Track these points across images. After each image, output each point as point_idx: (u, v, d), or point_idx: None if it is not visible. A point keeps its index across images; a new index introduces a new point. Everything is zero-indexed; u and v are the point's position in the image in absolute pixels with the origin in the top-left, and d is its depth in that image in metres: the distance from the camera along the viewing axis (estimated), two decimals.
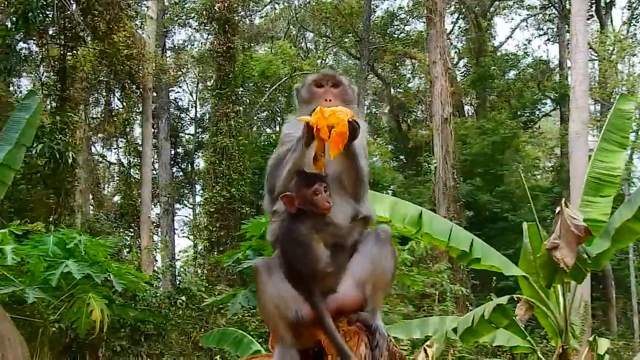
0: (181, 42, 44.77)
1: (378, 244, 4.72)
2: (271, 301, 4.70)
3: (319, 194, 4.61)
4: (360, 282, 4.66)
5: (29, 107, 13.40)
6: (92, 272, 8.59)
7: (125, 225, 32.90)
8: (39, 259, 8.46)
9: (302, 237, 4.62)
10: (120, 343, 19.71)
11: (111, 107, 34.50)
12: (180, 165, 44.11)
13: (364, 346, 4.63)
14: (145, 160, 31.93)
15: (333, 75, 5.03)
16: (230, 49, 31.94)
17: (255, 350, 13.11)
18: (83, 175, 30.29)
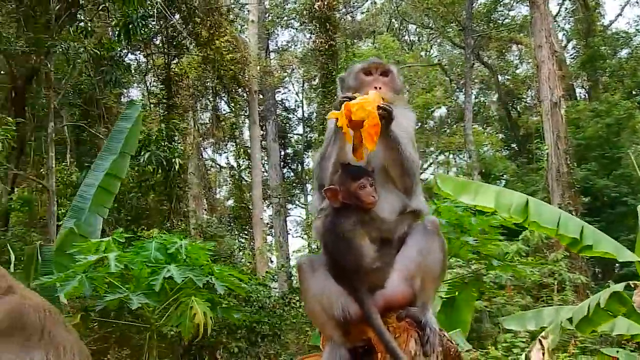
0: (285, 44, 45.05)
1: (425, 237, 4.55)
2: (315, 299, 4.59)
3: (364, 188, 4.48)
4: (408, 276, 4.50)
5: (131, 117, 13.73)
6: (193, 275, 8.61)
7: (238, 228, 33.33)
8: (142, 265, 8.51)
9: (346, 232, 4.48)
10: (237, 344, 19.98)
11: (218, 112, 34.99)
12: (291, 166, 44.39)
13: (414, 342, 4.46)
14: (254, 163, 32.25)
15: (382, 63, 4.96)
16: (332, 46, 31.95)
17: None
18: (195, 180, 30.83)
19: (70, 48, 18.04)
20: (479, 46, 41.07)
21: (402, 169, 4.56)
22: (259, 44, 35.02)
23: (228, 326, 20.15)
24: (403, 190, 4.62)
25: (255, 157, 32.24)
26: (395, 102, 4.71)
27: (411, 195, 4.65)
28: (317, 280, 4.60)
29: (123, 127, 13.61)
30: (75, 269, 8.54)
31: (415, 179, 4.65)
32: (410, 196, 4.64)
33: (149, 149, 19.62)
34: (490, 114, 46.19)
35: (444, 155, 44.03)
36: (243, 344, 20.15)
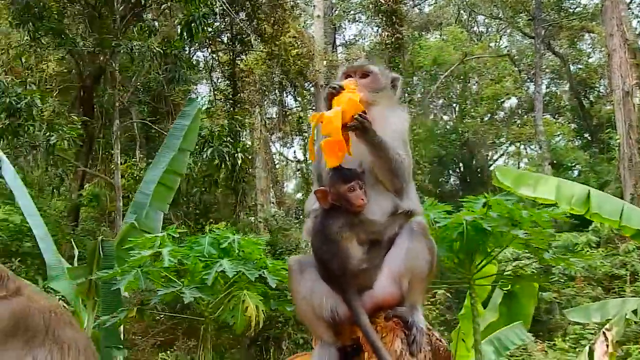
0: (352, 37, 45.02)
1: (412, 238, 4.57)
2: (305, 300, 4.65)
3: (354, 191, 4.53)
4: (396, 277, 4.55)
5: (189, 114, 13.96)
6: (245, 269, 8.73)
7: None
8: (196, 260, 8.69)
9: (333, 234, 4.53)
10: (302, 335, 20.15)
11: (285, 107, 35.17)
12: None
13: (400, 342, 4.50)
14: None
15: (361, 65, 4.98)
16: (399, 39, 31.80)
17: None
18: (262, 174, 31.07)
19: (135, 47, 18.37)
20: (550, 35, 40.37)
21: (389, 171, 4.59)
22: (325, 38, 35.05)
23: (294, 318, 20.34)
24: (393, 192, 4.65)
25: None
26: (377, 102, 4.79)
27: (402, 196, 4.67)
28: (305, 282, 4.66)
29: (182, 124, 13.84)
30: (131, 264, 8.73)
31: (404, 180, 4.66)
32: (402, 197, 4.67)
33: (211, 145, 19.88)
34: (561, 104, 45.35)
35: (515, 146, 43.47)
36: (309, 335, 20.27)
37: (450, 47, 37.48)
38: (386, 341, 4.49)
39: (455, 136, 39.34)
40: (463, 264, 7.76)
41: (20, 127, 16.67)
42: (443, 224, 7.39)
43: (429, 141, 36.34)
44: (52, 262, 12.59)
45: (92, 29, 19.86)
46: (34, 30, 18.52)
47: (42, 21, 18.16)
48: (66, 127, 17.74)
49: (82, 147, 22.73)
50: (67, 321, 4.76)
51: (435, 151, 37.04)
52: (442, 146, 38.29)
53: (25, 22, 18.00)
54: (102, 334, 12.17)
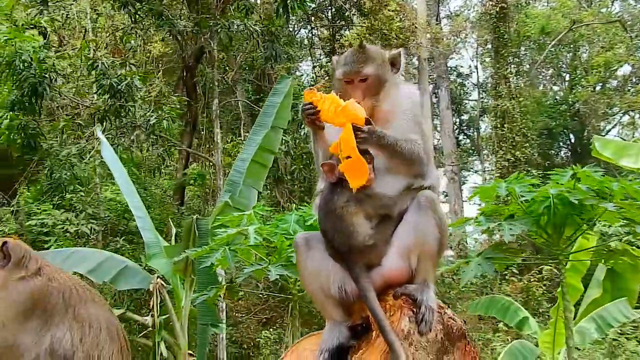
0: (457, 9, 44.25)
1: (419, 212, 4.38)
2: (312, 277, 4.54)
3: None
4: (404, 253, 4.39)
5: (281, 92, 13.97)
6: None
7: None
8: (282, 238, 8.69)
9: (338, 208, 4.38)
10: None
11: None
12: (466, 132, 43.75)
13: (407, 320, 4.34)
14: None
15: (357, 71, 4.64)
16: (504, 9, 31.13)
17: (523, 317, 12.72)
18: None
19: (232, 26, 18.49)
20: None
21: (405, 164, 4.44)
22: (428, 10, 34.58)
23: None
24: (413, 176, 4.49)
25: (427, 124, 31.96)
26: (382, 97, 4.61)
27: (421, 175, 4.51)
28: (313, 258, 4.55)
29: (274, 102, 13.86)
30: (217, 242, 8.79)
31: (423, 164, 4.49)
32: (421, 176, 4.51)
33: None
34: None
35: (629, 115, 41.91)
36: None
37: (558, 15, 36.32)
38: (393, 320, 4.37)
39: (565, 107, 38.22)
40: (552, 238, 7.47)
41: (121, 107, 17.02)
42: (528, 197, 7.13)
43: (537, 113, 35.46)
44: (150, 241, 12.84)
45: (191, 9, 20.09)
46: (134, 12, 18.84)
47: (142, 2, 18.45)
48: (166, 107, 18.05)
49: (186, 127, 23.12)
50: (90, 298, 4.79)
51: (544, 123, 36.06)
52: (551, 117, 37.23)
53: (125, 4, 18.32)
54: (198, 311, 12.40)
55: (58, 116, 20.66)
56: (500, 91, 30.84)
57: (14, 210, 20.96)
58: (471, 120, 43.34)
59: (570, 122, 38.46)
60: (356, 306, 4.56)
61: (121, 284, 12.90)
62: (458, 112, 41.74)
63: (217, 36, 19.04)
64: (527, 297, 20.93)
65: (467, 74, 43.42)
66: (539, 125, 34.97)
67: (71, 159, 17.95)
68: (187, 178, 23.27)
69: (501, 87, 30.91)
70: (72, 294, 4.68)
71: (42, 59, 16.56)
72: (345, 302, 4.52)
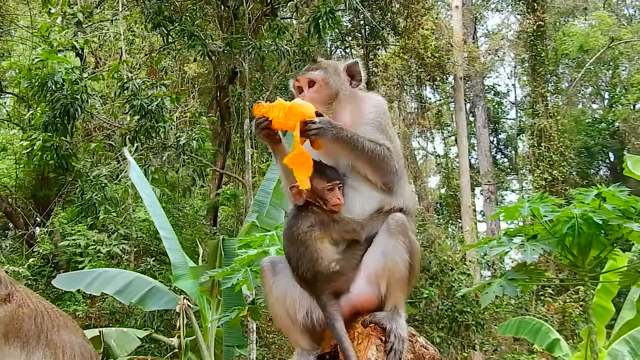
0: (494, 27, 43.99)
1: (388, 237, 4.22)
2: (278, 304, 4.42)
3: (332, 190, 4.29)
4: (373, 279, 4.23)
5: None
6: None
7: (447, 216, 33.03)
8: None
9: (302, 233, 4.25)
10: (439, 334, 19.82)
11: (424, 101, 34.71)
12: (504, 152, 43.37)
13: (375, 349, 4.18)
14: (461, 149, 31.74)
15: (303, 74, 4.62)
16: (541, 27, 30.90)
17: (554, 338, 12.45)
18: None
19: (264, 46, 18.50)
20: None
21: (371, 165, 4.30)
22: (464, 29, 34.40)
23: (430, 316, 20.04)
24: (382, 186, 4.34)
25: (463, 143, 31.71)
26: (334, 105, 4.50)
27: (392, 192, 4.36)
28: (278, 284, 4.43)
29: None
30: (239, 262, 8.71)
31: (392, 171, 4.35)
32: (392, 193, 4.36)
33: None
34: None
35: None
36: (445, 334, 19.97)
37: (597, 33, 35.91)
38: (360, 348, 4.23)
39: (604, 125, 37.80)
40: (577, 259, 7.27)
41: (152, 128, 17.08)
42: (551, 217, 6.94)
43: (575, 131, 35.09)
44: (177, 262, 12.80)
45: (223, 29, 20.16)
46: (166, 33, 18.94)
47: (174, 23, 18.55)
48: (196, 127, 18.08)
49: (219, 148, 23.19)
50: (62, 324, 4.70)
51: (583, 141, 35.68)
52: (590, 136, 36.83)
53: (158, 25, 18.42)
54: (224, 332, 12.32)
55: (93, 137, 20.84)
56: (537, 110, 30.54)
57: (49, 230, 21.14)
58: (509, 139, 42.97)
59: (609, 140, 38.01)
60: (325, 334, 4.42)
61: (148, 304, 12.90)
62: (495, 131, 41.39)
63: (248, 56, 19.05)
64: (563, 318, 20.59)
65: (505, 93, 43.11)
66: (578, 144, 34.61)
67: (102, 180, 18.02)
68: (220, 198, 23.31)
69: (538, 106, 30.62)
70: (43, 320, 4.61)
71: (74, 80, 16.68)
72: (313, 330, 4.38)
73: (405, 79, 31.10)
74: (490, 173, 35.06)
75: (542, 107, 30.49)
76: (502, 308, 21.11)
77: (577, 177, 31.62)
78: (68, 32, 19.24)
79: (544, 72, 31.62)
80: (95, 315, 18.63)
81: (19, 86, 19.86)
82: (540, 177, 28.95)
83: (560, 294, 21.95)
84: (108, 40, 23.66)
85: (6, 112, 25.92)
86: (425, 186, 35.83)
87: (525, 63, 35.53)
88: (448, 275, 20.45)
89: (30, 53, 21.69)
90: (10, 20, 24.40)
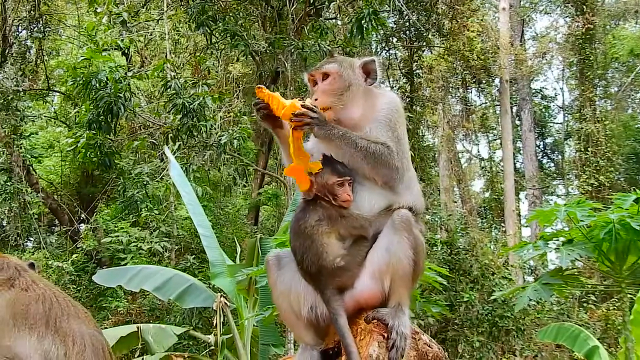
0: (543, 30, 43.50)
1: (392, 233, 4.19)
2: (282, 298, 4.41)
3: (342, 185, 4.28)
4: (377, 275, 4.20)
5: None
6: None
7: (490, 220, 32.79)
8: None
9: (309, 227, 4.22)
10: (479, 338, 19.65)
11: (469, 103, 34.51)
12: (550, 156, 42.87)
13: (377, 346, 4.14)
14: (506, 153, 31.48)
15: (319, 67, 4.64)
16: (590, 30, 30.48)
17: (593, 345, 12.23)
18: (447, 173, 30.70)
19: (306, 47, 18.50)
20: None
21: (368, 163, 4.28)
22: (511, 31, 34.09)
23: (470, 320, 19.88)
24: (383, 184, 4.33)
25: (508, 147, 31.46)
26: (345, 101, 4.49)
27: (396, 189, 4.34)
28: (283, 278, 4.42)
29: None
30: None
31: (393, 169, 4.31)
32: (395, 190, 4.33)
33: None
34: None
35: None
36: (485, 338, 19.80)
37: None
38: (362, 344, 4.20)
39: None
40: (614, 265, 7.15)
41: (193, 126, 17.18)
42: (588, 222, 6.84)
43: (624, 136, 34.54)
44: (215, 260, 12.84)
45: (266, 29, 20.21)
46: (209, 32, 19.03)
47: (216, 23, 18.62)
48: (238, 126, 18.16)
49: (262, 147, 23.26)
50: (73, 313, 4.69)
51: (632, 147, 35.11)
52: (639, 142, 36.24)
53: (201, 25, 18.50)
54: (260, 330, 12.34)
55: (137, 135, 21.04)
56: (585, 114, 30.15)
57: (93, 227, 21.39)
58: (555, 143, 42.46)
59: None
60: (329, 329, 4.40)
61: (186, 301, 12.95)
62: (542, 134, 40.92)
63: (291, 57, 19.06)
64: (606, 326, 20.28)
65: (552, 96, 42.60)
66: (626, 149, 34.06)
67: (143, 178, 18.16)
68: (262, 198, 23.37)
69: (586, 110, 30.22)
70: (52, 306, 4.60)
71: (117, 79, 16.85)
72: (317, 324, 4.37)
73: (450, 81, 30.97)
74: (535, 177, 34.70)
75: (590, 111, 30.09)
76: (543, 314, 20.84)
77: (624, 183, 31.14)
78: (113, 31, 19.42)
79: (592, 76, 31.22)
80: (136, 312, 18.77)
81: (66, 84, 20.09)
82: (587, 183, 28.56)
83: (604, 301, 21.64)
84: (153, 39, 23.84)
85: (53, 110, 26.27)
86: (468, 189, 35.67)
87: (573, 66, 35.12)
88: (489, 280, 20.28)
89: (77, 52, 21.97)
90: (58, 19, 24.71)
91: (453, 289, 19.59)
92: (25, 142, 22.49)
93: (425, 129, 30.52)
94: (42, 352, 4.38)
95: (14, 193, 21.00)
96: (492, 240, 30.46)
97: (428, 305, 9.04)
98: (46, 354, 4.40)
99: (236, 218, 23.39)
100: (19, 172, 21.00)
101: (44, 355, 4.39)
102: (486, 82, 32.50)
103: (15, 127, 21.00)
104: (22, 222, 21.95)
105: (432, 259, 18.46)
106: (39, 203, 22.97)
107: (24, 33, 22.95)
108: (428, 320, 18.17)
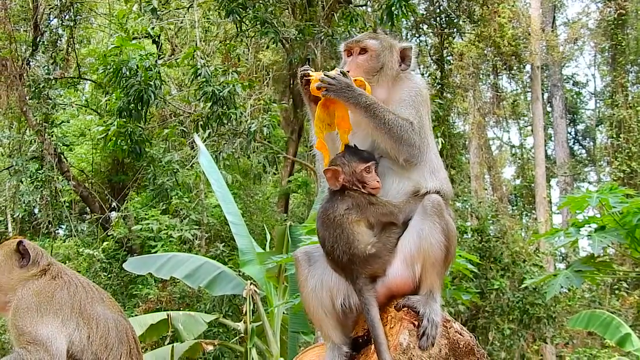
0: (575, 15, 43.01)
1: (423, 218, 4.12)
2: (313, 295, 4.33)
3: (370, 172, 4.24)
4: (409, 261, 4.13)
5: None
6: None
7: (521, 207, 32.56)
8: None
9: (338, 217, 4.18)
10: (509, 326, 19.60)
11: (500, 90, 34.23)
12: (581, 142, 42.42)
13: (407, 334, 4.07)
14: (537, 140, 31.23)
15: (359, 40, 4.58)
16: (622, 15, 30.16)
17: (625, 333, 12.15)
18: (477, 160, 30.51)
19: (336, 34, 18.45)
20: None
21: (390, 138, 4.21)
22: (543, 17, 33.75)
23: (501, 307, 19.81)
24: (404, 162, 4.26)
25: (539, 134, 31.20)
26: (377, 80, 4.45)
27: (418, 169, 4.29)
28: (314, 274, 4.36)
29: None
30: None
31: (413, 146, 4.25)
32: (417, 169, 4.29)
33: None
34: None
35: None
36: (515, 326, 19.74)
37: None
38: (392, 332, 4.14)
39: None
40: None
41: (223, 114, 17.19)
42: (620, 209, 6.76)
43: None
44: (244, 247, 12.87)
45: (296, 16, 20.16)
46: (239, 20, 19.01)
47: (246, 10, 18.60)
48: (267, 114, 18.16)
49: (292, 135, 23.25)
50: (98, 298, 4.73)
51: None
52: None
53: (231, 12, 18.48)
54: (289, 318, 12.36)
55: (167, 123, 21.10)
56: (617, 100, 29.87)
57: (124, 215, 21.51)
58: (587, 130, 42.00)
59: None
60: (359, 318, 4.36)
61: (215, 289, 13.01)
62: (573, 121, 40.49)
63: (321, 44, 19.02)
64: (638, 313, 20.16)
65: (584, 83, 42.12)
66: None
67: (173, 165, 18.23)
68: (292, 185, 23.39)
69: (618, 96, 29.94)
70: (77, 290, 4.64)
71: (147, 67, 16.89)
72: (347, 318, 4.34)
73: (481, 67, 30.73)
74: (566, 164, 34.40)
75: (622, 97, 29.84)
76: (574, 301, 20.74)
77: None
78: (144, 19, 19.46)
79: (624, 62, 30.94)
80: (166, 299, 18.88)
81: (97, 73, 20.20)
82: (618, 169, 28.33)
83: (636, 288, 21.50)
84: (183, 27, 23.89)
85: (84, 99, 26.42)
86: (499, 177, 35.43)
87: (605, 52, 34.77)
88: (520, 267, 20.19)
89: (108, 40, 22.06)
90: (89, 7, 24.81)
91: (484, 277, 19.55)
92: (57, 130, 22.67)
93: (456, 116, 30.32)
94: (66, 335, 4.45)
95: (45, 181, 21.21)
96: (522, 228, 30.26)
97: (458, 293, 8.99)
98: (70, 337, 4.46)
99: (266, 206, 23.42)
100: (51, 160, 21.14)
101: (68, 337, 4.45)
102: (517, 68, 32.20)
103: (47, 115, 21.15)
104: (54, 209, 22.15)
105: (463, 246, 18.41)
106: (70, 191, 23.17)
107: (55, 21, 23.02)
108: (458, 308, 18.14)
